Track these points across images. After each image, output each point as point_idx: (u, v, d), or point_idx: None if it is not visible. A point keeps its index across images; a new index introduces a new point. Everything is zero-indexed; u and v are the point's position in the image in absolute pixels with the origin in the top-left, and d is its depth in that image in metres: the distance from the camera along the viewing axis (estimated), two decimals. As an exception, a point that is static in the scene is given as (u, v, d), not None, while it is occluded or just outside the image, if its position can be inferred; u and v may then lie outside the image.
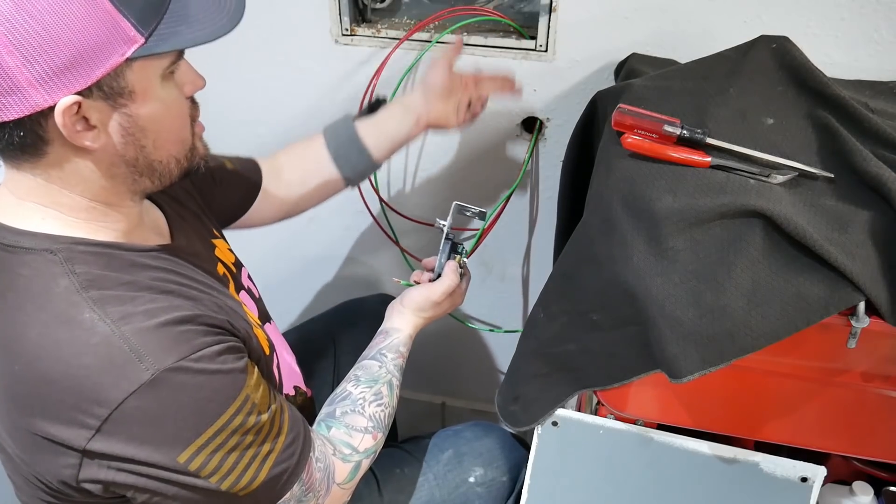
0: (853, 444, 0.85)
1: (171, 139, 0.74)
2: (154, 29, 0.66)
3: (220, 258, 0.94)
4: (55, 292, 0.67)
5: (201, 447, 0.69)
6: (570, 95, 1.22)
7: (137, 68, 0.67)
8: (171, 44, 0.67)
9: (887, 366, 0.75)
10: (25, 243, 0.70)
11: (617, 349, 0.79)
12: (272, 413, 0.76)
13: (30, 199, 0.71)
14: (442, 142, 1.34)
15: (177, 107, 0.73)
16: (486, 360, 1.63)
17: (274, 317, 1.03)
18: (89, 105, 0.65)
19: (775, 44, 0.90)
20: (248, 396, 0.73)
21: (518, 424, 0.91)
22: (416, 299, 1.02)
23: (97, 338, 0.66)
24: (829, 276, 0.68)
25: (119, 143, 0.69)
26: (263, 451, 0.75)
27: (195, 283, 0.79)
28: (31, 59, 0.61)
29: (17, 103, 0.62)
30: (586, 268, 0.82)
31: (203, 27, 0.68)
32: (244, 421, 0.72)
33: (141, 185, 0.75)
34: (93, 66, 0.63)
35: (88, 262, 0.70)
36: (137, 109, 0.69)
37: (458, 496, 1.05)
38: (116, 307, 0.68)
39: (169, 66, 0.70)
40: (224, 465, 0.71)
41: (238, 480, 0.72)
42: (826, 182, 0.77)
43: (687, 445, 0.85)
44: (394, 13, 1.28)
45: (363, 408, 0.91)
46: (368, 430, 0.90)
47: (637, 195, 0.76)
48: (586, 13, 1.14)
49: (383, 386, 0.94)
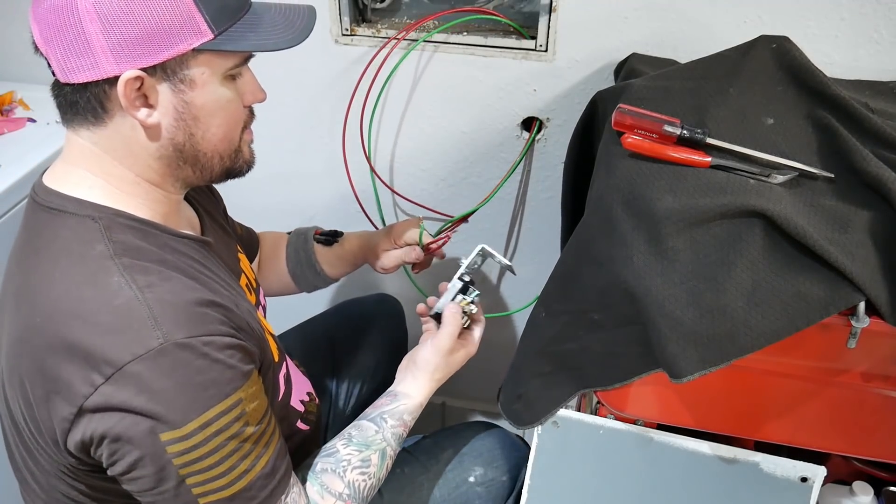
0: (853, 444, 0.85)
1: (219, 135, 0.78)
2: (225, 29, 0.73)
3: (244, 270, 0.97)
4: (90, 255, 0.71)
5: (186, 436, 0.69)
6: (570, 95, 1.22)
7: (202, 61, 0.73)
8: (235, 45, 0.73)
9: (887, 366, 0.75)
10: (70, 208, 0.74)
11: (618, 349, 0.79)
12: (260, 431, 0.75)
13: (81, 165, 0.76)
14: (442, 142, 1.34)
15: (231, 107, 0.78)
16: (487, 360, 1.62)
17: (273, 317, 1.03)
18: (151, 83, 0.71)
19: (775, 44, 0.90)
20: (242, 400, 0.73)
21: (521, 423, 0.91)
22: (428, 357, 0.96)
23: (121, 300, 0.69)
24: (829, 276, 0.68)
25: (171, 125, 0.74)
26: (240, 467, 0.73)
27: (220, 279, 0.82)
28: (109, 28, 0.67)
29: (88, 67, 0.69)
30: (587, 267, 0.82)
31: (269, 38, 0.75)
32: (230, 424, 0.71)
33: (184, 172, 0.79)
34: (162, 47, 0.69)
35: (126, 233, 0.74)
36: (194, 98, 0.74)
37: (459, 496, 1.05)
38: (144, 276, 0.71)
39: (232, 68, 0.76)
40: (199, 465, 0.70)
41: (205, 484, 0.72)
42: (826, 182, 0.77)
43: (687, 445, 0.85)
44: (394, 13, 1.28)
45: (344, 471, 0.86)
46: (343, 497, 0.84)
47: (637, 195, 0.76)
48: (586, 13, 1.14)
49: (374, 453, 0.88)
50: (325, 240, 1.18)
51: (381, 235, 1.16)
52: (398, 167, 1.39)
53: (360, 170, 1.37)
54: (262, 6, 0.78)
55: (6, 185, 1.17)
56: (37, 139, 1.29)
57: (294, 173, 1.45)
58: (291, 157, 1.42)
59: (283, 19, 0.78)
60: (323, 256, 1.18)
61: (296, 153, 1.41)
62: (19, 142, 1.29)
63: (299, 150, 1.41)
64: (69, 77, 0.70)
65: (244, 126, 0.82)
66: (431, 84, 1.27)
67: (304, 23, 0.79)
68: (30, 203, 0.78)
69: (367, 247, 1.17)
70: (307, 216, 1.50)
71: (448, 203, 1.39)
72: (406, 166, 1.38)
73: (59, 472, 0.77)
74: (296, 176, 1.45)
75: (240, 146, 0.82)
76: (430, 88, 1.28)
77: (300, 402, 1.01)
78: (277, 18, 0.78)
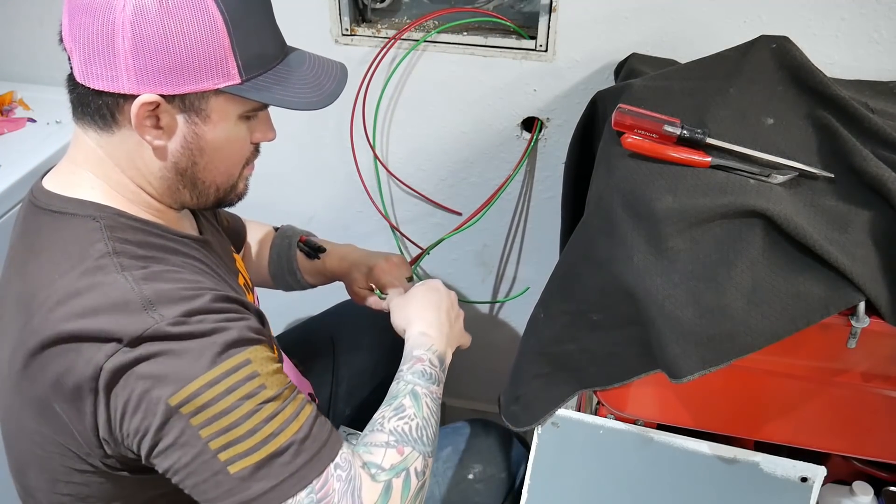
0: (853, 444, 0.85)
1: (220, 168, 0.79)
2: (253, 77, 0.73)
3: (240, 270, 0.97)
4: (88, 253, 0.71)
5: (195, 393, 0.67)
6: (570, 95, 1.22)
7: (223, 100, 0.73)
8: (260, 95, 0.73)
9: (887, 366, 0.75)
10: (72, 209, 0.74)
11: (617, 349, 0.79)
12: (283, 395, 0.72)
13: (86, 166, 0.76)
14: (442, 142, 1.34)
15: (238, 145, 0.79)
16: (486, 360, 1.63)
17: (273, 316, 1.03)
18: (165, 109, 0.71)
19: (775, 44, 0.90)
20: (250, 361, 0.70)
21: (519, 424, 0.91)
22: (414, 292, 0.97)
23: (117, 293, 0.69)
24: (829, 275, 0.68)
25: (176, 150, 0.75)
26: (264, 430, 0.69)
27: (223, 277, 0.82)
28: (140, 51, 0.67)
29: (107, 78, 0.69)
30: (586, 268, 0.82)
31: (295, 95, 0.75)
32: (242, 382, 0.69)
33: (181, 195, 0.80)
34: (186, 80, 0.70)
35: (127, 233, 0.74)
36: (205, 132, 0.74)
37: (458, 493, 1.05)
38: (143, 272, 0.71)
39: (250, 111, 0.76)
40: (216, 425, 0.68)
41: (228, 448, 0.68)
42: (826, 182, 0.77)
43: (687, 445, 0.85)
44: (394, 13, 1.28)
45: (382, 426, 0.79)
46: (390, 444, 0.77)
47: (637, 195, 0.76)
48: (586, 13, 1.14)
49: (404, 398, 0.82)
50: (308, 252, 1.17)
51: (360, 272, 1.12)
52: (398, 167, 1.38)
53: (368, 170, 1.37)
54: (297, 59, 0.79)
55: (6, 185, 1.17)
56: (37, 139, 1.29)
57: (295, 173, 1.45)
58: (292, 157, 1.42)
59: (313, 78, 0.78)
60: (304, 266, 1.17)
61: (297, 153, 1.41)
62: (19, 142, 1.29)
63: (300, 150, 1.41)
64: (87, 80, 0.70)
65: (246, 162, 0.82)
66: (431, 84, 1.27)
67: (333, 87, 0.79)
68: (28, 206, 0.78)
69: (344, 275, 1.15)
70: (307, 215, 1.50)
71: (448, 203, 1.39)
72: (406, 166, 1.38)
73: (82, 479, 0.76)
74: (296, 176, 1.45)
75: (237, 182, 0.82)
76: (430, 88, 1.28)
77: None
78: (308, 75, 0.77)
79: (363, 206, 1.42)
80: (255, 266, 1.19)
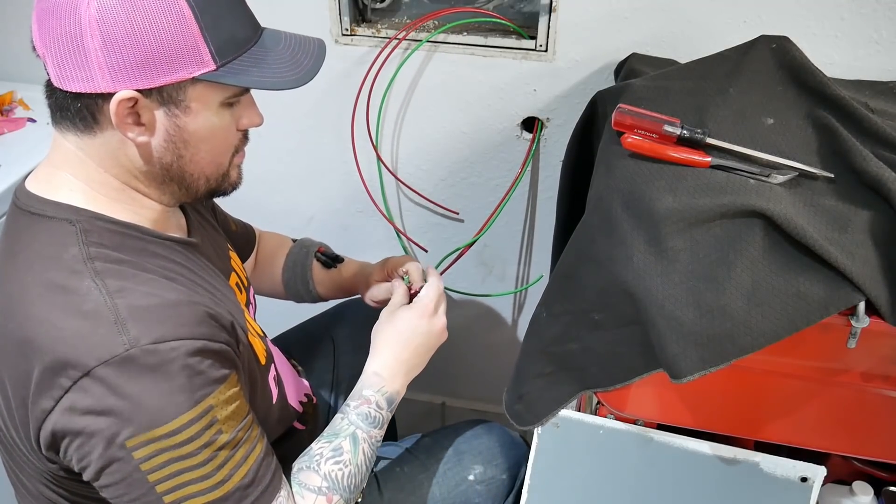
0: (853, 444, 0.85)
1: (207, 159, 0.77)
2: (228, 61, 0.71)
3: (234, 268, 0.96)
4: (63, 258, 0.71)
5: (151, 440, 0.68)
6: (570, 95, 1.22)
7: (200, 88, 0.71)
8: (236, 79, 0.72)
9: (887, 366, 0.75)
10: (49, 211, 0.73)
11: (618, 349, 0.79)
12: (237, 438, 0.73)
13: (65, 168, 0.75)
14: (442, 142, 1.34)
15: (223, 133, 0.77)
16: (486, 360, 1.63)
17: (273, 316, 1.03)
18: (144, 104, 0.70)
19: (775, 44, 0.91)
20: (213, 407, 0.70)
21: (522, 423, 0.91)
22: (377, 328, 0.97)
23: (89, 305, 0.68)
24: (829, 275, 0.68)
25: (160, 145, 0.74)
26: (215, 477, 0.71)
27: (203, 280, 0.81)
28: (110, 48, 0.66)
29: (82, 79, 0.68)
30: (587, 268, 0.82)
31: (272, 76, 0.73)
32: (201, 432, 0.69)
33: (169, 188, 0.78)
34: (161, 72, 0.68)
35: (103, 236, 0.73)
36: (187, 123, 0.73)
37: (458, 494, 1.05)
38: (116, 281, 0.70)
39: (230, 97, 0.75)
40: (167, 470, 0.69)
41: (175, 491, 0.70)
42: (826, 182, 0.77)
43: (687, 445, 0.85)
44: (394, 13, 1.28)
45: (318, 465, 0.83)
46: (322, 490, 0.82)
47: (637, 195, 0.76)
48: (586, 13, 1.14)
49: (344, 440, 0.86)
50: (326, 261, 1.17)
51: (376, 267, 1.15)
52: (398, 167, 1.39)
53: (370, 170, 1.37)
54: (272, 38, 0.77)
55: (6, 185, 1.17)
56: (37, 139, 1.29)
57: (296, 173, 1.45)
58: (292, 157, 1.42)
59: (290, 56, 0.76)
60: (318, 276, 1.17)
61: (297, 153, 1.41)
62: (19, 142, 1.29)
63: (300, 150, 1.41)
64: (63, 84, 0.69)
65: (235, 150, 0.80)
66: (431, 84, 1.27)
67: (311, 64, 0.77)
68: (11, 208, 0.77)
69: (360, 275, 1.16)
70: (307, 215, 1.50)
71: (448, 203, 1.39)
72: (406, 166, 1.38)
73: (42, 478, 0.77)
74: (297, 176, 1.45)
75: (228, 170, 0.81)
76: (430, 88, 1.28)
77: (299, 403, 1.01)
78: (285, 54, 0.76)
79: (363, 206, 1.42)
80: (269, 272, 1.18)
